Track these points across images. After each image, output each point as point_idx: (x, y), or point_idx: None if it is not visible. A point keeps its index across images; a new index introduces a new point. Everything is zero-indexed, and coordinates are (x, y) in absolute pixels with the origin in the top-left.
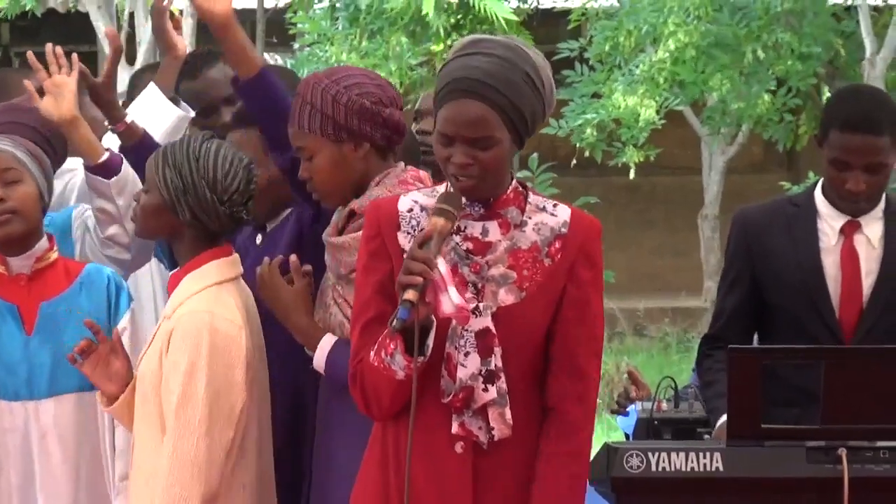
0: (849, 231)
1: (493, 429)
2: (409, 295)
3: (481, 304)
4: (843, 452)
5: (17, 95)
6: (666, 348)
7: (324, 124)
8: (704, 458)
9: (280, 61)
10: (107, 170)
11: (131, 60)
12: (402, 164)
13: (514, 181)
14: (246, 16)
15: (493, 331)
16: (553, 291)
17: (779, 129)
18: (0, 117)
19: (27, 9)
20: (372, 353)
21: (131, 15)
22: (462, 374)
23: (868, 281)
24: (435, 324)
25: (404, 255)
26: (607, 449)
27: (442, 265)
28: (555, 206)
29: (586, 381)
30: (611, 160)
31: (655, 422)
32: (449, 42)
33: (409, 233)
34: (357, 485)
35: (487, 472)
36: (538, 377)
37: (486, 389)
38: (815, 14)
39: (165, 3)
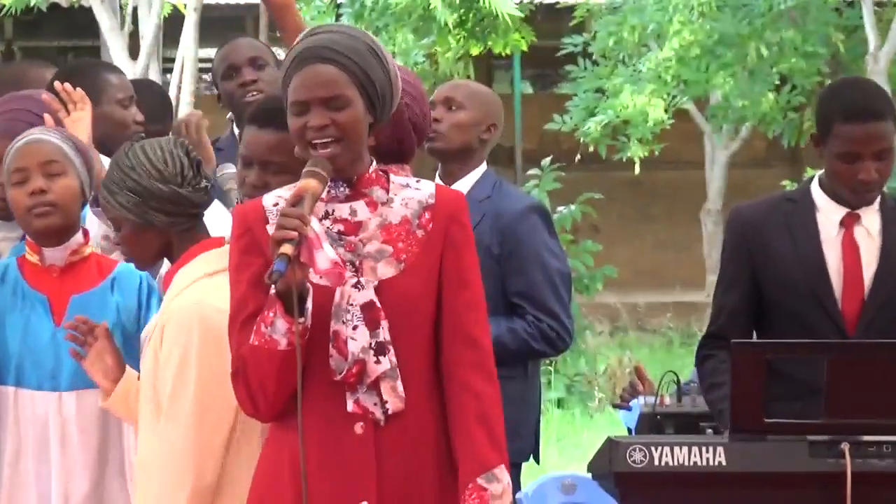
0: (848, 223)
1: (386, 402)
2: (286, 248)
3: (362, 279)
4: (845, 447)
5: (100, 87)
6: (668, 343)
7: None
8: (707, 452)
9: (283, 55)
10: None
11: (134, 55)
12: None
13: (374, 163)
14: (249, 10)
15: (378, 304)
16: (431, 260)
17: (782, 125)
18: (2, 106)
19: (31, 4)
20: (252, 336)
21: (134, 10)
22: (353, 347)
23: (869, 272)
24: (311, 291)
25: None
26: (610, 443)
27: (315, 224)
28: (417, 181)
29: (480, 348)
30: (615, 154)
31: (658, 416)
32: (453, 37)
33: None
34: (249, 501)
35: (387, 449)
36: (429, 350)
37: (377, 362)
38: (818, 10)
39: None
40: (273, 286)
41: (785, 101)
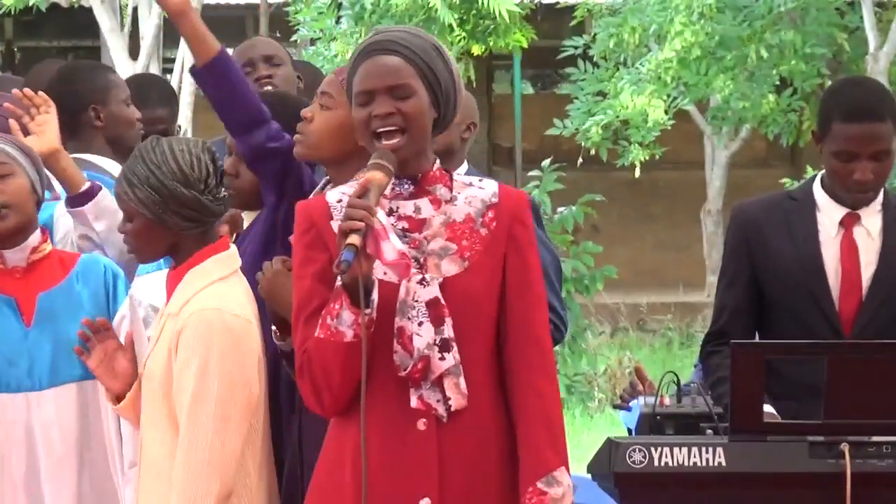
0: (848, 223)
1: (449, 399)
2: (353, 239)
3: (427, 276)
4: (845, 447)
5: (107, 88)
6: (668, 343)
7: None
8: (707, 453)
9: None
10: (86, 198)
11: (134, 55)
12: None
13: (437, 161)
14: (249, 10)
15: (443, 301)
16: (495, 258)
17: (782, 125)
18: None
19: (31, 4)
20: (317, 330)
21: (134, 10)
22: (418, 343)
23: (867, 273)
24: (377, 284)
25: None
26: (610, 444)
27: (382, 215)
28: (480, 180)
29: (543, 348)
30: (616, 158)
31: (658, 417)
32: (454, 37)
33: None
34: (310, 492)
35: (449, 446)
36: (491, 348)
37: (442, 358)
38: (818, 11)
39: None
40: (340, 278)
41: (785, 103)
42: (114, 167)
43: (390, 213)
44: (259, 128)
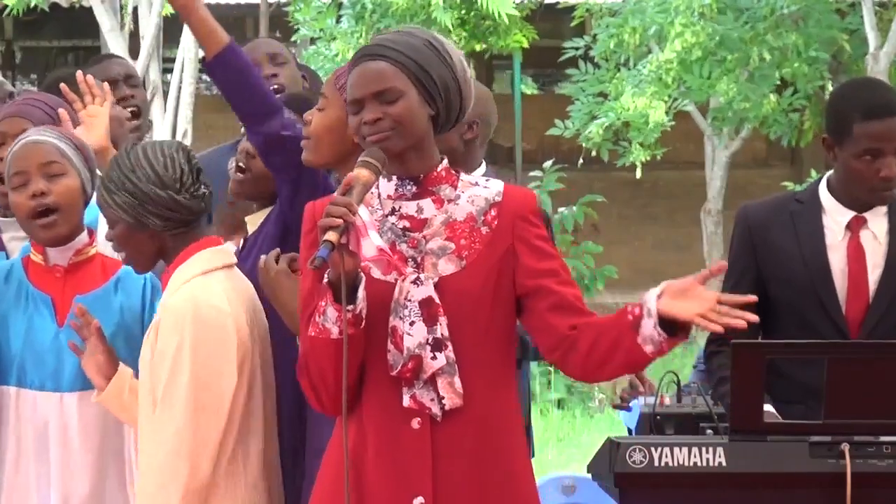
0: (855, 227)
1: (443, 398)
2: (330, 235)
3: (422, 275)
4: (846, 447)
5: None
6: None
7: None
8: (707, 453)
9: None
10: None
11: (134, 55)
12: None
13: (444, 161)
14: (249, 10)
15: (437, 300)
16: (494, 257)
17: (783, 127)
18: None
19: (33, 4)
20: (309, 328)
21: (135, 10)
22: (409, 342)
23: (874, 276)
24: (364, 280)
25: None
26: (610, 444)
27: (364, 213)
28: (487, 180)
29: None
30: (617, 158)
31: (658, 417)
32: (453, 37)
33: None
34: (314, 494)
35: (444, 445)
36: (487, 346)
37: (434, 357)
38: (820, 13)
39: None
40: (326, 275)
41: (787, 103)
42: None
43: (392, 212)
44: (272, 117)
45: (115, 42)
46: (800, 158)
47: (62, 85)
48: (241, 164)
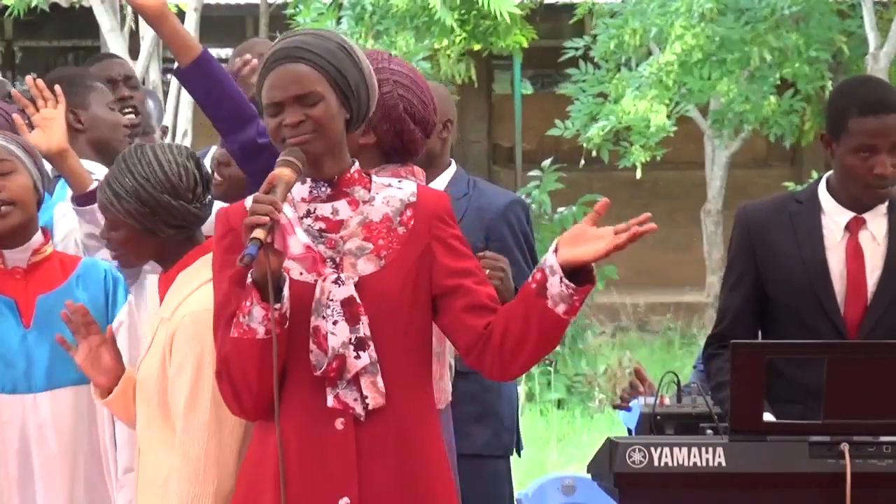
0: (854, 227)
1: (366, 398)
2: (257, 233)
3: (343, 274)
4: (845, 447)
5: (88, 91)
6: (668, 343)
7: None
8: (707, 453)
9: None
10: (94, 197)
11: (134, 55)
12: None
13: (356, 163)
14: (249, 10)
15: (358, 300)
16: (412, 257)
17: (784, 127)
18: None
19: (33, 4)
20: (232, 329)
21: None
22: (333, 342)
23: (873, 277)
24: (288, 282)
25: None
26: (610, 444)
27: (289, 210)
28: (400, 181)
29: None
30: (617, 159)
31: (658, 417)
32: (454, 37)
33: None
34: (234, 499)
35: (367, 445)
36: (406, 346)
37: (357, 357)
38: (821, 15)
39: None
40: (250, 275)
41: (787, 104)
42: (97, 168)
43: (307, 214)
44: (248, 125)
45: (115, 42)
46: (800, 159)
47: (13, 91)
48: (214, 173)
